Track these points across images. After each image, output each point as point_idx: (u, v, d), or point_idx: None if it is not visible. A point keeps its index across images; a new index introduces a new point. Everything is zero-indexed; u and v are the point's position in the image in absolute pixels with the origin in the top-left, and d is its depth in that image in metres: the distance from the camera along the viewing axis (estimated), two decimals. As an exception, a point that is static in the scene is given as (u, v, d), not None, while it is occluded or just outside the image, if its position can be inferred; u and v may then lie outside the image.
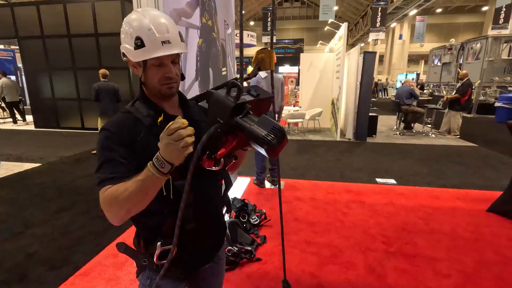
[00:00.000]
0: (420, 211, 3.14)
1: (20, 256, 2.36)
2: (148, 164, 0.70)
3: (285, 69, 15.12)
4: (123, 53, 0.84)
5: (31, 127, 8.60)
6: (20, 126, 8.95)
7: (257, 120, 0.65)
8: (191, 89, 2.27)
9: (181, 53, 0.85)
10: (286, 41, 28.99)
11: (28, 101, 11.18)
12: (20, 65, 13.49)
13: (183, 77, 0.89)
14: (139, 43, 0.77)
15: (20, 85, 13.22)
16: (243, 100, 0.67)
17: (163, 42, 0.78)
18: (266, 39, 19.67)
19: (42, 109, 8.31)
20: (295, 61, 16.36)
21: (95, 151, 5.42)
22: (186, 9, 2.12)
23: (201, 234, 0.94)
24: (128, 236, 2.65)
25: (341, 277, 2.12)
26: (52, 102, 8.18)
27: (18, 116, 9.25)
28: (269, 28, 19.37)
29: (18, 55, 13.87)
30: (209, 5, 2.62)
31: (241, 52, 0.89)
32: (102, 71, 5.44)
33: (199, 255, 0.98)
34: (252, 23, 32.48)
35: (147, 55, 0.78)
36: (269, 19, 19.11)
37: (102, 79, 5.42)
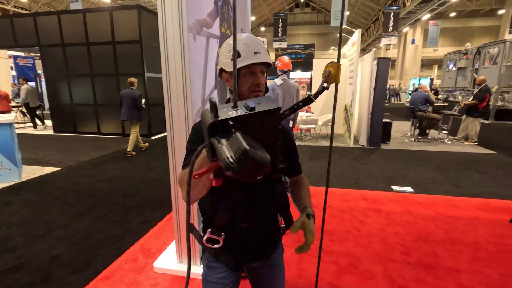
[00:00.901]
0: (440, 220, 3.07)
1: (44, 258, 2.44)
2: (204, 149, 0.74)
3: (297, 75, 15.08)
4: (220, 70, 1.03)
5: (50, 131, 8.87)
6: (40, 130, 9.25)
7: (230, 140, 0.58)
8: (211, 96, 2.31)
9: (269, 67, 1.01)
10: (297, 46, 29.04)
11: (47, 106, 11.57)
12: (39, 71, 14.01)
13: (267, 90, 1.03)
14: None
15: (40, 91, 13.71)
16: (227, 116, 0.61)
17: (255, 53, 0.96)
18: (277, 44, 19.74)
19: (60, 114, 8.58)
20: (307, 66, 16.33)
21: (128, 152, 5.42)
22: (207, 19, 2.17)
23: (251, 232, 1.03)
24: (146, 241, 2.70)
25: (360, 287, 2.09)
26: (70, 108, 8.44)
27: (37, 121, 9.57)
28: (280, 34, 19.47)
29: (37, 62, 14.42)
30: (228, 14, 2.67)
31: (235, 66, 0.88)
32: (130, 79, 5.75)
33: (247, 250, 1.06)
34: (263, 28, 32.74)
35: (242, 63, 0.94)
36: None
37: (129, 87, 5.70)
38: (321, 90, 1.11)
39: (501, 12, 22.57)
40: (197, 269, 2.12)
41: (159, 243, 2.68)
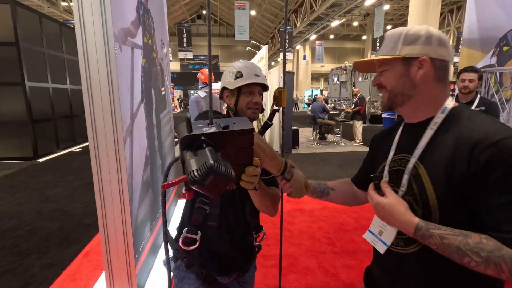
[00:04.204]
0: (350, 211, 3.63)
1: None
2: None
3: (218, 85, 15.16)
4: (222, 89, 1.15)
5: None
6: None
7: (198, 155, 0.61)
8: (138, 111, 2.12)
9: (265, 90, 1.15)
10: (202, 57, 29.20)
11: None
12: None
13: (262, 110, 1.15)
14: (239, 75, 1.09)
15: None
16: (201, 132, 0.64)
17: (255, 75, 1.10)
18: (182, 55, 19.39)
19: None
20: (217, 77, 16.63)
21: None
22: (131, 28, 2.00)
23: (222, 237, 1.06)
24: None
25: (302, 283, 2.27)
26: None
27: None
28: (185, 44, 19.20)
29: None
30: (149, 24, 2.52)
31: (210, 85, 0.93)
32: None
33: (218, 260, 1.07)
34: (165, 37, 31.55)
35: (243, 82, 1.08)
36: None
37: None
38: (273, 112, 1.22)
39: (364, 37, 28.45)
40: (137, 306, 1.88)
41: (77, 286, 2.24)
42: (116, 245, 1.86)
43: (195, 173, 0.57)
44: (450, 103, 0.76)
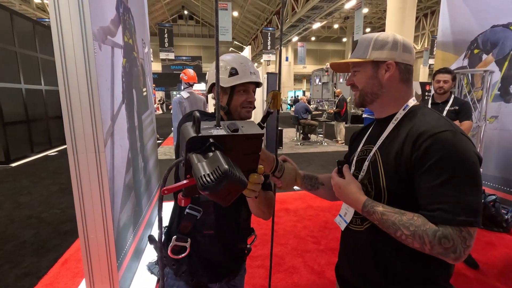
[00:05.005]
0: (333, 209, 3.69)
1: None
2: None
3: (202, 86, 14.95)
4: (210, 85, 1.06)
5: None
6: None
7: (209, 158, 0.56)
8: (119, 112, 2.06)
9: (258, 87, 1.10)
10: (184, 58, 28.83)
11: None
12: None
13: (254, 107, 1.09)
14: (233, 72, 1.01)
15: None
16: (209, 134, 0.59)
17: (251, 73, 1.03)
18: (164, 55, 19.06)
19: None
20: (200, 78, 16.47)
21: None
22: (111, 27, 1.94)
23: (216, 245, 1.03)
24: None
25: (288, 282, 2.29)
26: None
27: None
28: (166, 45, 18.89)
29: None
30: (129, 23, 2.46)
31: (218, 83, 0.90)
32: None
33: (210, 268, 1.05)
34: (145, 37, 30.88)
35: (239, 80, 1.01)
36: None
37: None
38: (267, 115, 1.17)
39: (344, 39, 29.11)
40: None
41: (56, 296, 2.14)
42: (97, 251, 1.79)
43: (207, 178, 0.52)
44: (411, 102, 0.85)
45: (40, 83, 7.40)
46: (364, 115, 11.87)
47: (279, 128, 7.60)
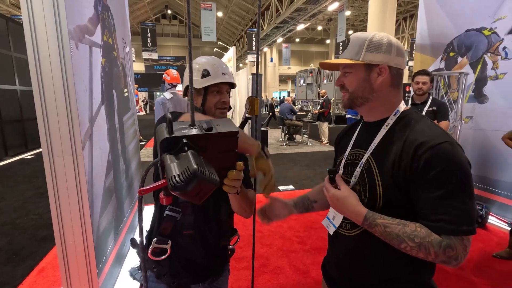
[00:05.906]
0: (318, 209, 3.73)
1: None
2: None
3: (179, 87, 14.76)
4: (185, 87, 1.07)
5: None
6: None
7: (180, 159, 0.57)
8: (98, 114, 1.99)
9: (232, 88, 1.11)
10: (168, 58, 28.39)
11: None
12: None
13: (229, 108, 1.11)
14: (205, 73, 1.03)
15: None
16: (183, 134, 0.60)
17: (223, 73, 1.05)
18: (147, 55, 18.70)
19: None
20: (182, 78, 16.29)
21: None
22: (88, 25, 1.88)
23: (196, 245, 1.02)
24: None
25: (274, 283, 2.29)
26: None
27: None
28: (149, 44, 18.54)
29: None
30: (109, 22, 2.39)
31: (191, 83, 0.90)
32: None
33: (192, 269, 1.04)
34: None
35: (211, 81, 1.02)
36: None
37: None
38: (245, 120, 1.20)
39: (328, 41, 29.59)
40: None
41: (31, 306, 2.04)
42: (75, 258, 1.72)
43: (177, 179, 0.53)
44: (402, 106, 0.84)
45: (14, 83, 7.08)
46: (348, 116, 12.10)
47: (263, 129, 7.62)
